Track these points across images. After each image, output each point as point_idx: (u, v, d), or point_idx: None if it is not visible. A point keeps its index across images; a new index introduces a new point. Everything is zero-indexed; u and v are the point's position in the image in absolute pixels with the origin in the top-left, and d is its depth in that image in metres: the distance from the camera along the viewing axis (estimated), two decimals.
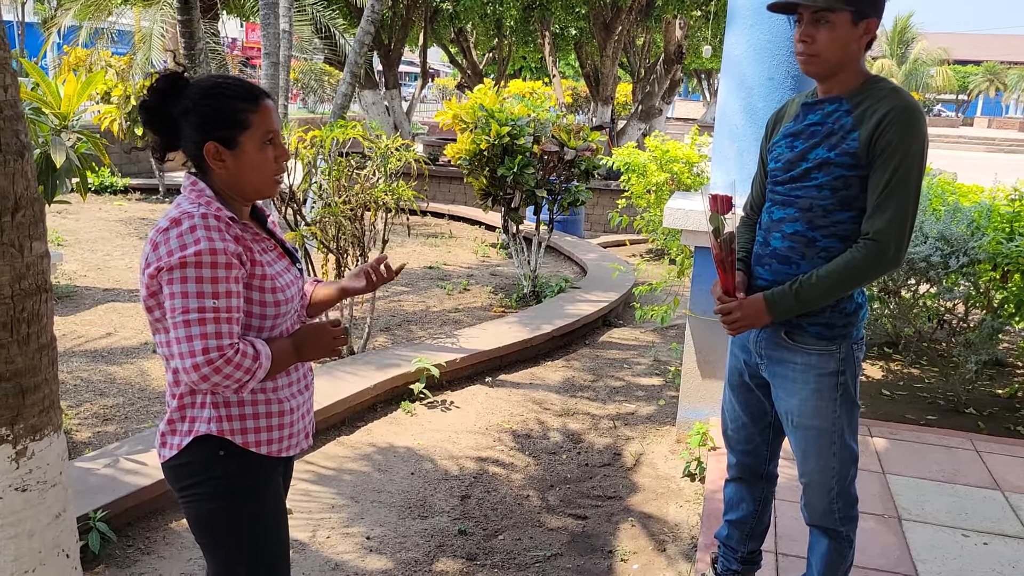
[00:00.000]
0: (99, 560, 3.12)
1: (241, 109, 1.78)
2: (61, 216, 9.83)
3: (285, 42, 6.89)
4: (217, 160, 1.79)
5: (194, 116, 1.78)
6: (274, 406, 1.89)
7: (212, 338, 1.69)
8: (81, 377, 4.95)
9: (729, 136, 4.06)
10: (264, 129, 1.81)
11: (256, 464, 1.88)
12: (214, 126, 1.78)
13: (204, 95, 1.78)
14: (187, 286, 1.68)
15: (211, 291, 1.70)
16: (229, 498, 1.86)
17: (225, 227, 1.75)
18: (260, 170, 1.83)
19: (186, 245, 1.69)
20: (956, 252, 4.35)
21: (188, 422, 1.83)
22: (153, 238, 1.73)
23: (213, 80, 1.83)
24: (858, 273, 2.19)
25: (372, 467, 4.06)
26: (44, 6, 22.25)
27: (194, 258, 1.68)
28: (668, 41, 15.66)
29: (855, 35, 2.16)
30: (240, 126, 1.78)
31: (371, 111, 14.80)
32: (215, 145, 1.78)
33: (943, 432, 4.33)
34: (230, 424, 1.84)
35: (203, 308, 1.69)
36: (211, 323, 1.69)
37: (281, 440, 1.92)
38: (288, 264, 1.95)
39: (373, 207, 5.16)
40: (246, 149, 1.80)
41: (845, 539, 2.42)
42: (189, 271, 1.68)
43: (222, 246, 1.71)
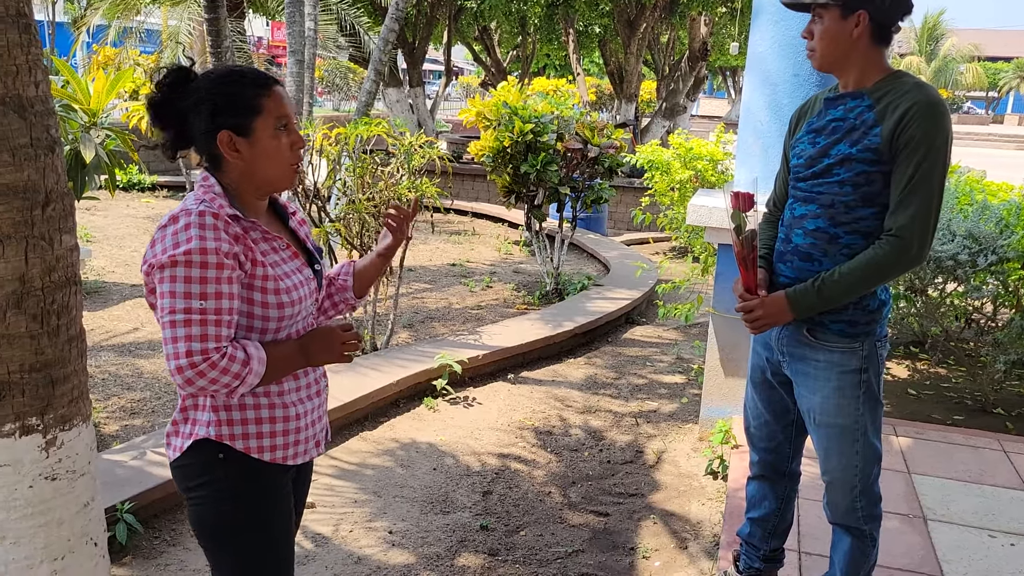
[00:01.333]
0: (126, 551, 3.17)
1: (252, 95, 1.74)
2: (90, 213, 9.96)
3: (310, 41, 6.94)
4: (232, 150, 1.74)
5: (205, 106, 1.73)
6: (278, 411, 1.83)
7: (196, 340, 1.63)
8: (109, 371, 5.01)
9: (754, 133, 4.04)
10: (277, 114, 1.76)
11: (259, 470, 1.82)
12: (226, 114, 1.73)
13: (214, 84, 1.74)
14: (175, 285, 1.64)
15: (199, 292, 1.64)
16: (230, 503, 1.81)
17: (224, 225, 1.69)
18: (276, 158, 1.77)
19: (178, 243, 1.64)
20: (984, 250, 4.30)
21: (190, 424, 1.79)
22: (153, 235, 1.70)
23: (223, 69, 1.79)
24: (881, 270, 2.17)
25: (395, 462, 4.09)
26: (74, 6, 22.53)
27: (183, 257, 1.63)
28: (693, 38, 15.59)
29: (846, 28, 2.17)
30: (252, 112, 1.73)
31: (395, 109, 14.86)
32: (228, 134, 1.73)
33: (970, 432, 4.28)
34: (230, 428, 1.78)
35: (189, 309, 1.63)
36: (196, 325, 1.63)
37: (287, 447, 1.85)
38: (301, 264, 1.87)
39: None
40: (260, 136, 1.74)
41: (868, 538, 2.40)
42: (178, 270, 1.63)
43: (214, 245, 1.65)
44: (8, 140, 1.59)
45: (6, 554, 1.67)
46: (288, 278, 1.79)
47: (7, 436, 1.64)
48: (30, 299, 1.63)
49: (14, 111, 1.59)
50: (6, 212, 1.59)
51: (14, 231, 1.60)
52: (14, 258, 1.60)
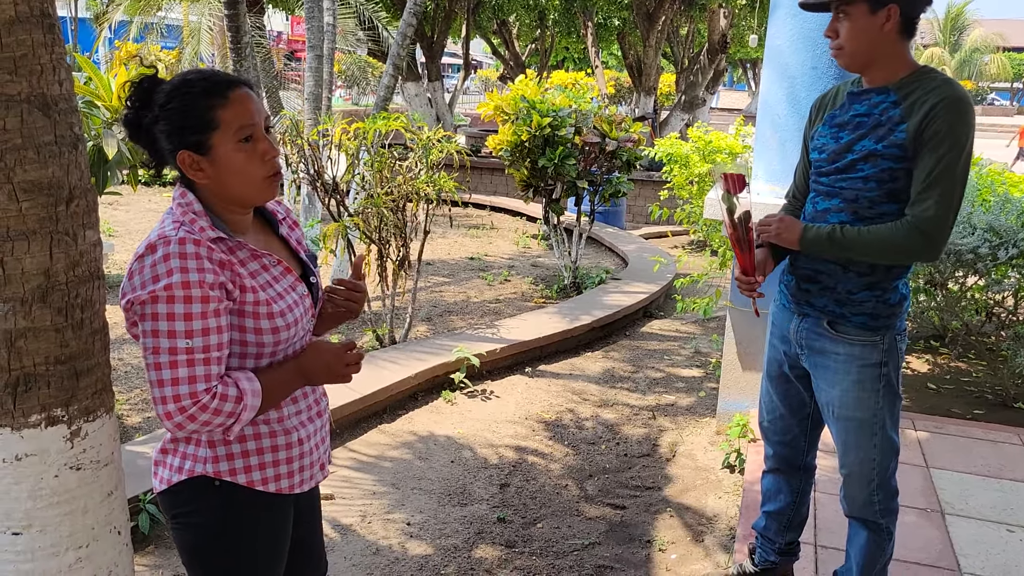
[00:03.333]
0: (149, 540, 3.22)
1: (207, 107, 1.57)
2: (112, 207, 10.07)
3: (329, 35, 6.97)
4: (195, 170, 1.59)
5: (162, 124, 1.59)
6: (280, 439, 1.71)
7: (185, 383, 1.51)
8: (132, 364, 5.08)
9: (772, 126, 4.03)
10: (237, 124, 1.58)
11: (260, 501, 1.71)
12: (183, 132, 1.58)
13: (168, 98, 1.59)
14: (157, 324, 1.51)
15: (184, 329, 1.51)
16: (231, 532, 1.71)
17: (207, 252, 1.54)
18: (244, 173, 1.61)
19: (158, 276, 1.51)
20: (1005, 243, 4.26)
21: (180, 457, 1.67)
22: (130, 264, 1.56)
23: (177, 78, 1.62)
24: (893, 247, 2.15)
25: (413, 455, 4.12)
26: (96, 2, 22.73)
27: (164, 292, 1.50)
28: (712, 30, 15.50)
29: (876, 24, 2.13)
30: (208, 127, 1.57)
31: (414, 103, 14.89)
32: (188, 154, 1.58)
33: (990, 426, 4.25)
34: (229, 463, 1.67)
35: (174, 349, 1.51)
36: (183, 366, 1.52)
37: (291, 475, 1.74)
38: (295, 281, 1.73)
39: (415, 198, 5.21)
40: (220, 152, 1.58)
41: (885, 531, 2.40)
42: (160, 307, 1.51)
43: (197, 278, 1.52)
44: (33, 138, 1.61)
45: (32, 542, 1.70)
46: (281, 299, 1.67)
47: (33, 427, 1.67)
48: (55, 293, 1.66)
49: (39, 109, 1.62)
50: (31, 208, 1.62)
51: (39, 227, 1.63)
52: (39, 253, 1.63)
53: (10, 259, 1.61)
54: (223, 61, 14.90)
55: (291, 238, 1.84)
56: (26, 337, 1.64)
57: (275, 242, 1.79)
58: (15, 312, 1.63)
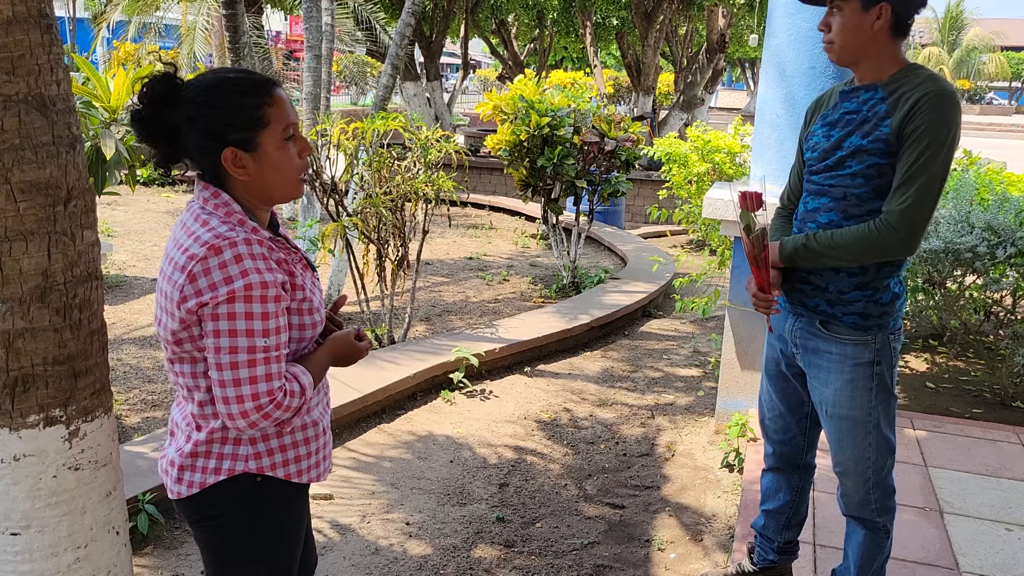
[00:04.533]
0: (147, 541, 3.22)
1: (256, 105, 1.59)
2: (111, 207, 10.07)
3: (328, 35, 6.98)
4: (238, 167, 1.60)
5: (202, 122, 1.58)
6: (311, 430, 1.75)
7: (262, 381, 1.55)
8: (130, 364, 5.08)
9: (770, 126, 4.03)
10: (283, 124, 1.62)
11: (292, 492, 1.76)
12: (228, 129, 1.58)
13: (210, 95, 1.58)
14: (235, 323, 1.53)
15: (261, 328, 1.54)
16: (263, 526, 1.74)
17: (268, 252, 1.58)
18: (285, 170, 1.64)
19: (231, 277, 1.52)
20: (1003, 242, 4.27)
21: (216, 459, 1.67)
22: (186, 265, 1.54)
23: (218, 77, 1.62)
24: (867, 247, 2.17)
25: (412, 454, 4.12)
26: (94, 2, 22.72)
27: (244, 292, 1.52)
28: (711, 30, 15.50)
29: (867, 21, 2.15)
30: (258, 125, 1.59)
31: (412, 103, 14.89)
32: (233, 151, 1.58)
33: (989, 425, 4.26)
34: (271, 458, 1.69)
35: (253, 348, 1.54)
36: (261, 364, 1.55)
37: (318, 465, 1.79)
38: (313, 276, 1.78)
39: (414, 198, 5.21)
40: (267, 150, 1.61)
41: (882, 529, 2.40)
42: (238, 306, 1.53)
43: (272, 277, 1.56)
44: (31, 138, 1.62)
45: (31, 542, 1.71)
46: (314, 295, 1.72)
47: (31, 427, 1.67)
48: (53, 293, 1.66)
49: (36, 110, 1.62)
50: (29, 208, 1.62)
51: (37, 227, 1.63)
52: (37, 253, 1.64)
53: (8, 259, 1.61)
54: (221, 61, 14.90)
55: (289, 238, 1.85)
56: (24, 337, 1.64)
57: (280, 239, 1.80)
58: (13, 312, 1.63)
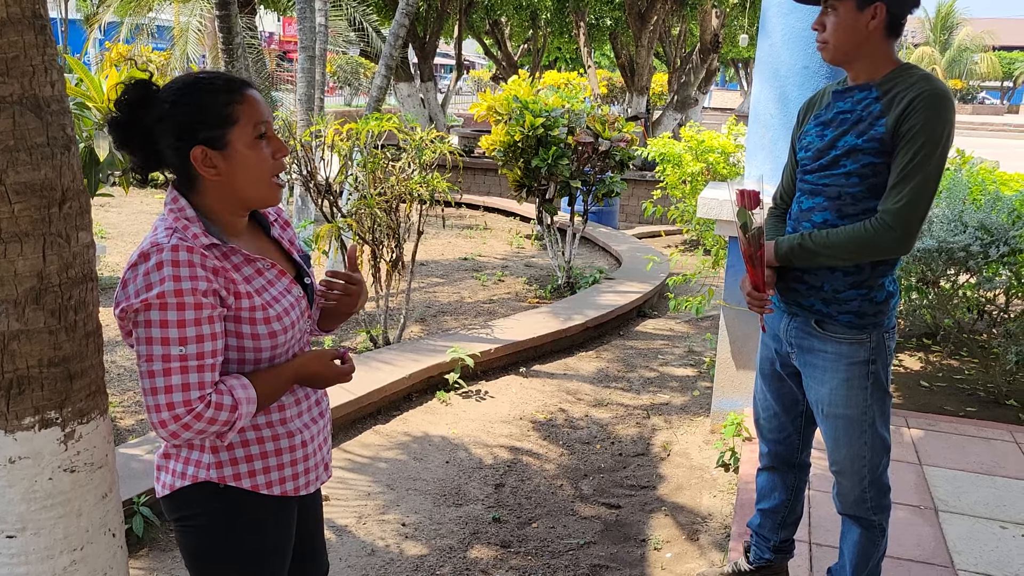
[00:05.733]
0: (143, 543, 3.21)
1: (224, 103, 1.58)
2: (104, 209, 10.04)
3: (321, 36, 6.97)
4: (207, 167, 1.59)
5: (171, 121, 1.57)
6: (284, 441, 1.70)
7: (178, 391, 1.51)
8: (124, 367, 5.06)
9: (764, 126, 4.04)
10: (254, 121, 1.60)
11: (264, 503, 1.71)
12: (197, 127, 1.57)
13: (180, 95, 1.58)
14: (151, 331, 1.52)
15: (177, 336, 1.51)
16: (232, 532, 1.71)
17: (200, 259, 1.54)
18: (256, 170, 1.62)
19: (151, 285, 1.51)
20: (996, 241, 4.28)
21: (182, 463, 1.67)
22: (124, 273, 1.56)
23: (189, 77, 1.62)
24: (862, 246, 2.18)
25: (408, 455, 4.12)
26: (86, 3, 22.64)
27: (157, 300, 1.50)
28: (704, 30, 15.52)
29: (862, 20, 2.15)
30: (227, 122, 1.58)
31: (406, 103, 14.89)
32: (202, 149, 1.57)
33: (982, 423, 4.27)
34: (234, 468, 1.66)
35: (168, 356, 1.52)
36: (177, 374, 1.52)
37: (296, 477, 1.74)
38: (289, 283, 1.72)
39: (408, 199, 5.21)
40: (238, 147, 1.59)
41: (878, 528, 2.41)
42: (153, 314, 1.51)
43: (190, 285, 1.52)
44: (25, 139, 1.61)
45: (26, 544, 1.70)
46: (277, 303, 1.67)
47: (27, 429, 1.66)
48: (48, 295, 1.65)
49: (31, 111, 1.62)
50: (24, 210, 1.61)
51: (32, 228, 1.62)
52: (32, 255, 1.63)
53: (3, 261, 1.61)
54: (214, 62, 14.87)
55: (283, 239, 1.83)
56: (19, 339, 1.64)
57: (268, 245, 1.78)
58: (8, 314, 1.62)
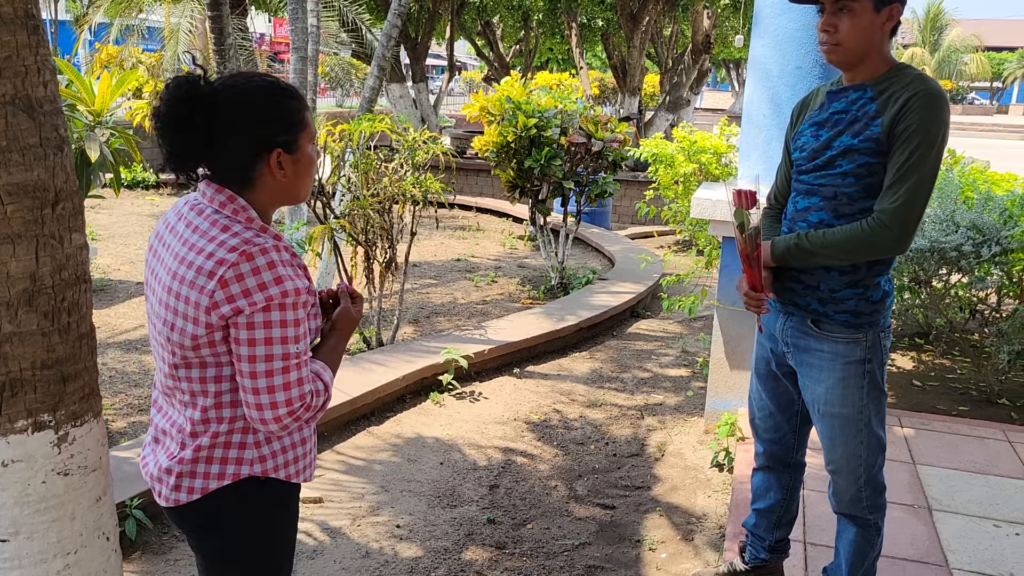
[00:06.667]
0: (136, 547, 3.19)
1: (297, 108, 1.64)
2: (95, 211, 10.00)
3: (313, 37, 6.95)
4: (279, 169, 1.63)
5: (250, 123, 1.59)
6: (306, 431, 1.78)
7: (295, 387, 1.58)
8: (116, 368, 5.04)
9: (756, 126, 4.05)
10: (312, 127, 1.68)
11: (290, 493, 1.78)
12: (277, 132, 1.61)
13: (257, 99, 1.60)
14: (271, 331, 1.55)
15: (294, 335, 1.57)
16: (265, 528, 1.75)
17: (291, 258, 1.62)
18: (310, 173, 1.70)
19: (266, 284, 1.54)
20: (988, 241, 4.30)
21: (219, 463, 1.67)
22: (215, 271, 1.53)
23: (259, 80, 1.64)
24: (859, 246, 2.18)
25: (401, 457, 4.11)
26: (76, 4, 22.56)
27: (280, 299, 1.54)
28: (696, 31, 15.56)
29: (877, 22, 2.14)
30: (299, 127, 1.64)
31: (398, 104, 14.86)
32: (279, 153, 1.62)
33: (975, 423, 4.28)
34: (274, 460, 1.71)
35: (287, 355, 1.56)
36: (294, 370, 1.58)
37: (311, 464, 1.81)
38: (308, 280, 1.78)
39: (401, 200, 5.20)
40: (304, 152, 1.66)
41: (873, 527, 2.41)
42: (274, 314, 1.54)
43: (303, 284, 1.60)
44: (18, 140, 1.60)
45: (20, 548, 1.69)
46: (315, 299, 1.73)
47: (20, 432, 1.65)
48: (41, 297, 1.64)
49: (23, 111, 1.61)
50: (17, 211, 1.60)
51: (25, 230, 1.62)
52: (25, 257, 1.62)
53: None
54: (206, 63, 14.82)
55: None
56: (12, 342, 1.63)
57: None
58: (0, 316, 1.61)
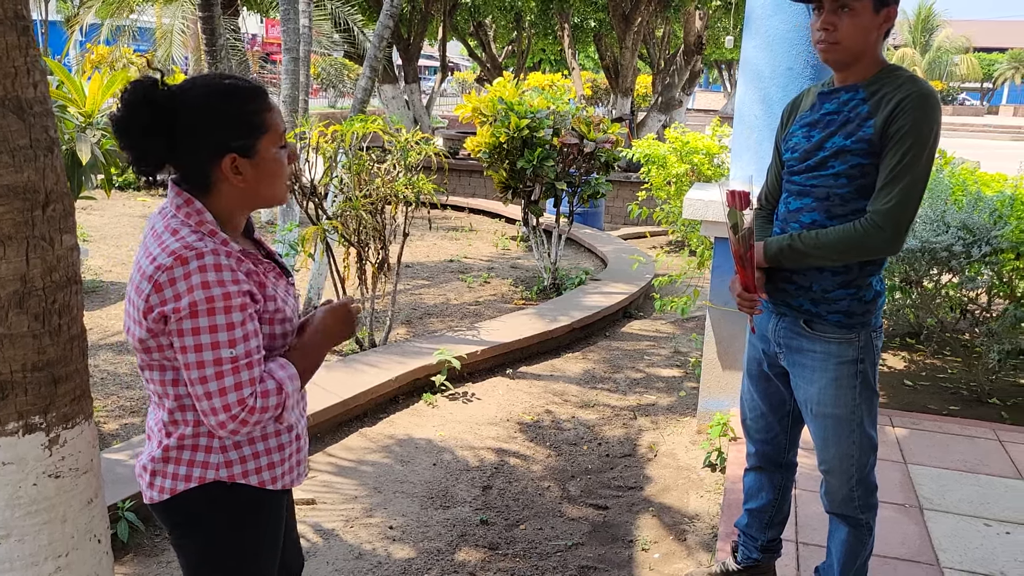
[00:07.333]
0: (128, 549, 3.18)
1: (256, 111, 1.60)
2: (86, 212, 9.96)
3: (305, 38, 6.93)
4: (235, 173, 1.59)
5: (203, 128, 1.57)
6: (284, 436, 1.73)
7: (232, 391, 1.54)
8: (107, 370, 5.02)
9: (748, 127, 4.06)
10: (279, 130, 1.63)
11: (266, 498, 1.73)
12: (231, 135, 1.58)
13: (211, 100, 1.58)
14: (200, 337, 1.52)
15: (227, 339, 1.54)
16: (236, 531, 1.71)
17: (236, 263, 1.57)
18: (278, 176, 1.65)
19: (193, 288, 1.51)
20: (979, 241, 4.32)
21: (186, 466, 1.65)
22: (152, 275, 1.52)
23: (215, 82, 1.61)
24: (852, 246, 2.19)
25: (394, 458, 4.10)
26: (67, 4, 22.47)
27: (206, 304, 1.51)
28: (688, 32, 15.59)
29: (876, 23, 2.15)
30: (258, 131, 1.59)
31: (391, 105, 14.85)
32: (234, 158, 1.58)
33: (966, 422, 4.30)
34: (243, 466, 1.67)
35: (220, 360, 1.54)
36: (229, 375, 1.54)
37: (292, 471, 1.77)
38: (287, 285, 1.76)
39: (394, 201, 5.20)
40: (265, 156, 1.61)
41: (865, 526, 2.42)
42: (201, 320, 1.52)
43: (236, 288, 1.54)
44: (8, 141, 1.59)
45: (11, 551, 1.68)
46: (285, 304, 1.70)
47: (10, 435, 1.65)
48: (32, 299, 1.64)
49: (13, 113, 1.60)
50: (7, 213, 1.60)
51: (15, 231, 1.61)
52: (15, 258, 1.61)
53: None
54: (197, 64, 14.78)
55: (265, 244, 1.84)
56: (2, 344, 1.62)
57: (250, 245, 1.79)
58: None
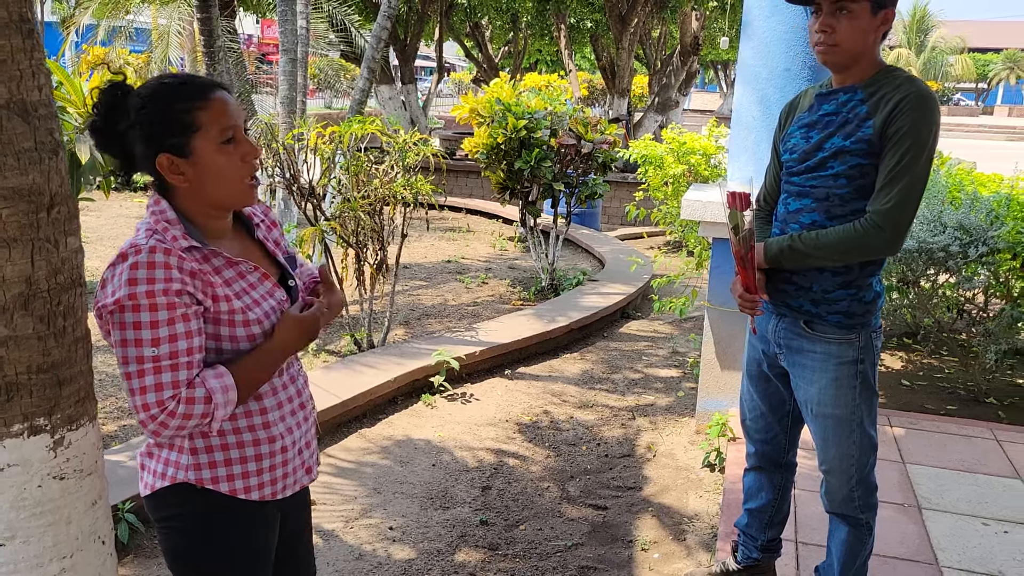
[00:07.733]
0: (128, 550, 3.18)
1: (186, 109, 1.57)
2: (84, 213, 9.94)
3: (303, 38, 6.94)
4: (175, 174, 1.59)
5: (139, 128, 1.57)
6: (264, 446, 1.69)
7: (151, 391, 1.52)
8: (106, 372, 5.02)
9: (746, 128, 4.07)
10: (219, 126, 1.58)
11: (244, 508, 1.70)
12: (161, 135, 1.57)
13: (144, 102, 1.58)
14: (125, 333, 1.52)
15: (149, 338, 1.52)
16: (210, 533, 1.70)
17: (177, 261, 1.53)
18: (225, 176, 1.61)
19: (121, 285, 1.51)
20: (975, 241, 4.33)
21: (162, 464, 1.67)
22: (103, 273, 1.57)
23: (154, 82, 1.61)
24: (852, 247, 2.20)
25: (393, 459, 4.11)
26: (63, 5, 22.45)
27: (129, 301, 1.50)
28: (684, 32, 15.61)
29: (873, 24, 2.17)
30: (189, 129, 1.57)
31: (388, 106, 14.86)
32: (167, 157, 1.57)
33: (963, 422, 4.32)
34: (212, 471, 1.65)
35: (141, 358, 1.52)
36: (149, 374, 1.52)
37: (275, 482, 1.72)
38: (272, 287, 1.70)
39: (392, 201, 5.20)
40: (202, 155, 1.58)
41: (865, 526, 2.44)
42: (126, 316, 1.51)
43: (162, 287, 1.51)
44: (13, 144, 1.60)
45: (15, 553, 1.68)
46: (258, 307, 1.65)
47: (15, 436, 1.65)
48: (37, 301, 1.64)
49: (18, 115, 1.60)
50: (12, 215, 1.60)
51: (20, 234, 1.61)
52: (20, 260, 1.61)
53: None
54: (194, 65, 14.78)
55: (268, 240, 1.81)
56: (7, 346, 1.62)
57: (252, 246, 1.77)
58: None
